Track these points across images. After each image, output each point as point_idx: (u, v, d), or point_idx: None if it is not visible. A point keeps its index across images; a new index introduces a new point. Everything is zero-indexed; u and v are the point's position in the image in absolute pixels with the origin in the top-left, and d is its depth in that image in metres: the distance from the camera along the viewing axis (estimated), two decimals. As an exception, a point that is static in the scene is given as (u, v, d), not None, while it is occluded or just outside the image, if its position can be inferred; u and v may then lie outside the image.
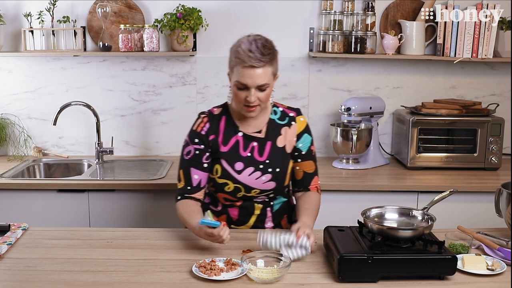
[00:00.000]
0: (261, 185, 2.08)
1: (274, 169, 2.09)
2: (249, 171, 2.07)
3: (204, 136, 2.08)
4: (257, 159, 2.08)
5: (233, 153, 2.08)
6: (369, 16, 3.15)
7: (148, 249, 1.92)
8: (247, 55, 1.93)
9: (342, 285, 1.66)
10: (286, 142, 2.12)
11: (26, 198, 2.79)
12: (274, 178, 2.09)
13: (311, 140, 2.17)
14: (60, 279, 1.68)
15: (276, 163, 2.09)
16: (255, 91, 1.97)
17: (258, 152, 2.09)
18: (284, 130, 2.12)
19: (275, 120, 2.13)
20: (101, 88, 3.30)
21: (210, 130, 2.09)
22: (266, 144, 2.10)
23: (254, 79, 1.95)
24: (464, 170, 3.08)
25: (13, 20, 3.20)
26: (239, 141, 2.09)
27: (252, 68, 1.93)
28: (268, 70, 1.97)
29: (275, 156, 2.10)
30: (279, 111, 2.16)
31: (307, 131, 2.16)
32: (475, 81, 3.33)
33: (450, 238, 1.91)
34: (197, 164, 2.07)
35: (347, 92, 3.32)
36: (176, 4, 3.13)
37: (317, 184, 2.19)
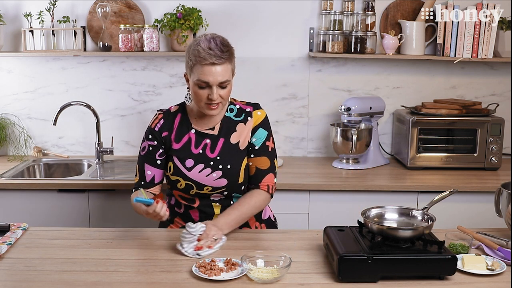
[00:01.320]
0: (212, 182, 2.08)
1: (225, 166, 2.08)
2: (199, 168, 2.08)
3: (157, 133, 2.12)
4: (208, 156, 2.09)
5: (185, 150, 2.10)
6: (369, 16, 3.15)
7: (148, 249, 1.92)
8: (207, 53, 1.96)
9: (342, 285, 1.66)
10: (241, 138, 2.11)
11: (26, 198, 2.79)
12: (224, 175, 2.08)
13: (267, 135, 2.13)
14: (60, 279, 1.68)
15: (227, 160, 2.08)
16: (216, 88, 1.98)
17: (209, 149, 2.09)
18: (239, 126, 2.12)
19: (231, 117, 2.13)
20: (101, 88, 3.30)
21: (164, 127, 2.12)
22: (218, 141, 2.10)
23: (215, 76, 1.97)
24: (464, 170, 3.08)
25: (13, 20, 3.20)
26: (191, 138, 2.11)
27: (213, 65, 1.96)
28: (228, 67, 2.00)
29: (227, 153, 2.09)
30: (236, 108, 2.15)
31: (262, 126, 2.13)
32: (475, 81, 3.33)
33: (450, 238, 1.91)
34: (150, 160, 2.12)
35: (347, 92, 3.32)
36: (176, 4, 3.13)
37: (270, 182, 2.12)
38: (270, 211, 2.33)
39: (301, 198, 2.84)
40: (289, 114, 3.34)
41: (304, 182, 2.84)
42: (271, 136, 2.15)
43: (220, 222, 1.99)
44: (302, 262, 1.81)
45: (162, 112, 2.16)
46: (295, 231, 2.14)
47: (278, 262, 1.73)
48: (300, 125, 3.35)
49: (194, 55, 1.98)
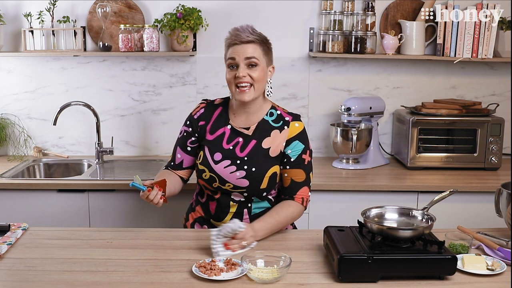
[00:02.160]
0: (235, 180, 2.08)
1: (250, 168, 2.07)
2: (225, 163, 2.09)
3: (195, 121, 2.17)
4: (237, 154, 2.10)
5: (217, 143, 2.13)
6: (369, 16, 3.15)
7: (148, 249, 1.92)
8: (235, 33, 2.04)
9: (342, 285, 1.66)
10: (273, 145, 2.10)
11: (26, 198, 2.79)
12: (247, 176, 2.07)
13: (304, 148, 2.11)
14: (60, 279, 1.68)
15: (253, 162, 2.08)
16: (244, 66, 2.01)
17: (240, 147, 2.10)
18: (274, 133, 2.11)
19: (268, 121, 2.13)
20: (101, 88, 3.30)
21: (202, 116, 2.17)
22: (250, 141, 2.10)
23: (241, 52, 2.01)
24: (464, 170, 3.08)
25: (13, 20, 3.20)
26: (225, 133, 2.13)
27: (240, 44, 2.02)
28: (257, 48, 2.04)
29: (255, 155, 2.09)
30: (276, 113, 2.15)
31: (299, 139, 2.11)
32: (475, 81, 3.33)
33: (450, 238, 1.91)
34: (182, 145, 2.19)
35: (347, 92, 3.32)
36: (176, 4, 3.13)
37: (305, 195, 2.10)
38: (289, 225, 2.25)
39: (301, 198, 2.83)
40: (289, 114, 3.34)
41: (304, 182, 2.83)
42: (308, 149, 2.12)
43: (256, 227, 1.97)
44: (302, 262, 1.81)
45: (205, 102, 2.21)
46: (295, 231, 2.14)
47: (278, 262, 1.73)
48: (300, 125, 3.35)
49: (225, 40, 2.06)
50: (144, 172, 3.05)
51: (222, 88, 3.29)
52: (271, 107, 2.16)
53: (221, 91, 3.29)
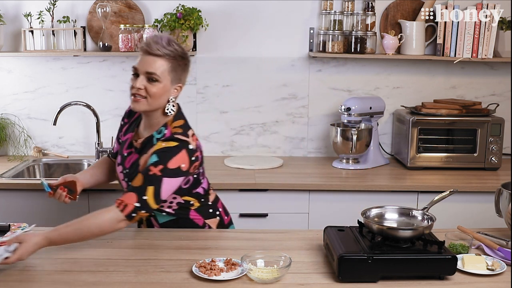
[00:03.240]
0: (125, 188, 2.10)
1: (129, 180, 2.04)
2: (120, 169, 2.15)
3: (125, 114, 2.23)
4: (125, 164, 2.12)
5: (122, 146, 2.16)
6: (369, 16, 3.15)
7: (148, 249, 1.92)
8: (149, 42, 1.97)
9: (342, 285, 1.66)
10: (141, 162, 2.01)
11: (26, 198, 2.79)
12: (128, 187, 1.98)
13: (155, 162, 1.88)
14: (60, 279, 1.68)
15: (131, 176, 2.03)
16: (143, 78, 1.95)
17: (128, 158, 2.11)
18: (149, 150, 1.99)
19: (153, 137, 2.02)
20: (101, 88, 3.30)
21: (127, 114, 2.22)
22: (135, 155, 2.08)
23: (145, 65, 1.95)
24: (464, 170, 3.08)
25: (13, 20, 3.20)
26: (128, 139, 2.15)
27: (147, 54, 1.95)
28: (164, 64, 1.94)
29: (133, 170, 2.05)
30: (163, 133, 2.00)
31: (157, 153, 1.91)
32: (475, 81, 3.33)
33: (450, 238, 1.91)
34: (117, 136, 2.26)
35: (347, 92, 3.32)
36: (176, 4, 3.13)
37: (128, 201, 1.85)
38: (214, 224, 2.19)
39: (301, 198, 2.84)
40: (289, 114, 3.34)
41: (304, 182, 2.84)
42: (160, 165, 1.88)
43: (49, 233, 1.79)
44: (302, 262, 1.81)
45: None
46: (295, 231, 2.14)
47: (278, 262, 1.73)
48: (300, 125, 3.35)
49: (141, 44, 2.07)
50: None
51: (222, 88, 3.29)
52: (163, 125, 2.02)
53: (222, 91, 3.29)
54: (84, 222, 1.83)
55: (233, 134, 3.35)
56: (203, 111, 3.31)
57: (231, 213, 2.70)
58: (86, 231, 1.82)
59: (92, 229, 1.82)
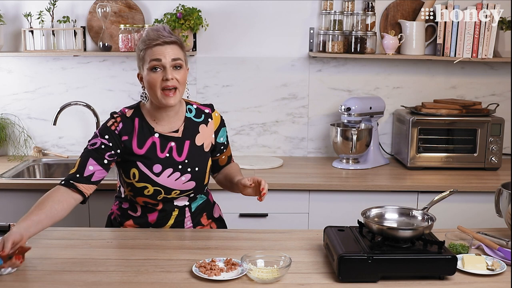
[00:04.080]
0: (181, 185, 2.06)
1: (193, 169, 2.06)
2: (168, 172, 2.03)
3: (116, 136, 2.01)
4: (176, 159, 2.05)
5: (151, 155, 2.02)
6: (369, 16, 3.15)
7: (148, 249, 1.92)
8: (155, 34, 1.95)
9: (342, 285, 1.66)
10: (205, 140, 2.10)
11: (26, 198, 2.79)
12: (193, 177, 2.06)
13: (226, 129, 2.20)
14: (60, 279, 1.68)
15: (195, 162, 2.07)
16: (170, 69, 1.94)
17: (176, 152, 2.05)
18: (201, 128, 2.11)
19: (191, 118, 2.10)
20: (101, 88, 3.30)
21: (123, 130, 2.02)
22: (184, 143, 2.06)
23: (168, 54, 1.94)
24: (464, 170, 3.08)
25: (13, 20, 3.20)
26: (155, 142, 2.03)
27: (163, 44, 1.94)
28: (179, 50, 1.97)
29: (194, 155, 2.07)
30: (194, 109, 2.12)
31: (222, 125, 2.18)
32: (475, 81, 3.33)
33: (450, 238, 1.91)
34: (97, 157, 1.99)
35: (347, 92, 3.32)
36: (176, 4, 3.13)
37: None
38: (219, 210, 2.33)
39: (301, 198, 2.84)
40: (289, 114, 3.34)
41: (304, 182, 2.84)
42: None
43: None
44: (302, 262, 1.81)
45: (119, 116, 2.05)
46: (295, 231, 2.14)
47: (278, 262, 1.73)
48: (300, 125, 3.35)
49: (143, 42, 1.97)
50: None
51: (222, 88, 3.29)
52: (186, 104, 2.12)
53: (221, 91, 3.29)
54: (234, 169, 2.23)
55: (233, 134, 3.35)
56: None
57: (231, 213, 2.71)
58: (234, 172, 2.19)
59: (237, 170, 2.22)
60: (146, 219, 2.12)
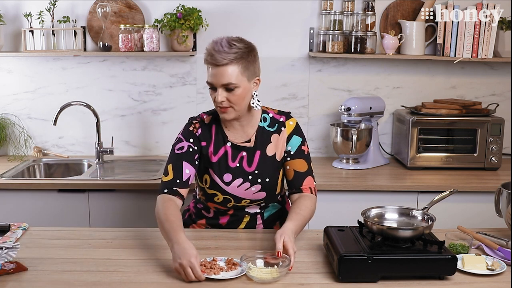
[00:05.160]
0: (251, 195, 2.05)
1: (263, 179, 2.04)
2: (238, 182, 2.03)
3: (197, 139, 2.04)
4: (245, 170, 2.04)
5: (222, 164, 2.03)
6: (369, 16, 3.15)
7: (148, 249, 1.92)
8: (211, 53, 1.90)
9: (342, 285, 1.66)
10: (277, 150, 2.07)
11: (26, 198, 2.79)
12: (263, 188, 2.05)
13: (302, 140, 2.10)
14: (60, 279, 1.68)
15: (265, 173, 2.04)
16: (221, 90, 1.91)
17: (247, 162, 2.04)
18: (274, 137, 2.07)
19: (264, 128, 2.07)
20: (101, 88, 3.30)
21: (202, 136, 2.05)
22: (255, 153, 2.04)
23: (218, 78, 1.90)
24: (464, 170, 3.08)
25: (13, 20, 3.20)
26: (227, 151, 2.04)
27: (215, 66, 1.89)
28: (235, 69, 1.89)
29: (264, 166, 2.05)
30: (269, 118, 2.09)
31: (296, 133, 2.10)
32: (475, 81, 3.33)
33: (450, 238, 1.91)
34: (190, 160, 2.00)
35: (347, 92, 3.32)
36: (176, 4, 3.13)
37: (311, 185, 2.06)
38: None
39: (301, 198, 2.83)
40: (289, 114, 3.34)
41: (304, 182, 2.83)
42: (305, 141, 2.11)
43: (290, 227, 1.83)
44: (302, 262, 1.81)
45: (198, 122, 2.07)
46: (295, 231, 2.14)
47: (278, 262, 1.73)
48: (300, 125, 3.33)
49: (205, 55, 1.94)
50: (144, 172, 3.05)
51: (222, 88, 3.29)
52: (262, 112, 2.09)
53: (221, 91, 3.29)
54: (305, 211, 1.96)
55: (233, 134, 3.34)
56: (203, 111, 3.29)
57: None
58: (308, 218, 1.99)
59: (309, 216, 1.99)
60: (218, 220, 2.14)
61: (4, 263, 1.71)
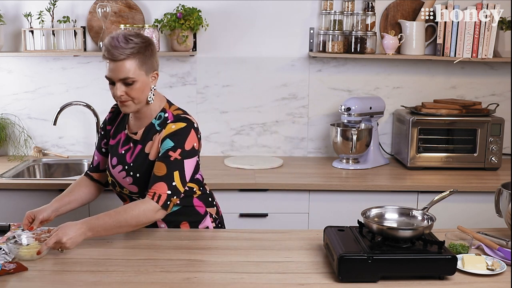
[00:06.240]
0: (127, 185, 2.09)
1: (135, 174, 2.05)
2: (119, 168, 2.10)
3: (104, 125, 2.22)
4: (126, 160, 2.09)
5: (115, 148, 2.14)
6: (369, 16, 3.15)
7: (148, 249, 1.92)
8: (108, 47, 1.91)
9: (342, 285, 1.66)
10: (152, 149, 2.03)
11: (26, 198, 2.79)
12: (134, 182, 2.05)
13: (173, 146, 1.95)
14: (60, 279, 1.68)
15: (137, 168, 2.05)
16: (120, 85, 1.94)
17: (130, 153, 2.08)
18: (156, 137, 2.02)
19: (154, 125, 2.04)
20: (101, 88, 3.29)
21: (109, 120, 2.21)
22: (136, 147, 2.07)
23: (115, 72, 1.92)
24: (464, 170, 3.08)
25: (13, 20, 3.20)
26: (121, 138, 2.13)
27: (113, 61, 1.91)
28: (132, 63, 1.91)
29: (138, 161, 2.05)
30: (163, 116, 2.04)
31: (170, 137, 1.97)
32: (475, 81, 3.33)
33: (450, 238, 1.91)
34: (98, 147, 2.24)
35: (347, 92, 3.32)
36: (176, 4, 3.13)
37: (160, 191, 1.91)
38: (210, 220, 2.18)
39: (301, 198, 2.84)
40: (289, 114, 3.34)
41: (304, 182, 2.84)
42: (179, 148, 1.95)
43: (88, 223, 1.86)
44: (302, 262, 1.81)
45: (114, 107, 2.23)
46: (295, 231, 2.14)
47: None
48: (300, 125, 3.35)
49: (102, 51, 1.96)
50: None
51: (222, 88, 3.29)
52: (161, 110, 2.06)
53: (221, 91, 3.29)
54: (121, 214, 1.89)
55: (233, 134, 3.35)
56: (203, 111, 3.31)
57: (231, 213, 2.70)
58: (124, 223, 1.89)
59: (129, 221, 1.89)
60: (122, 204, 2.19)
61: (4, 263, 1.71)
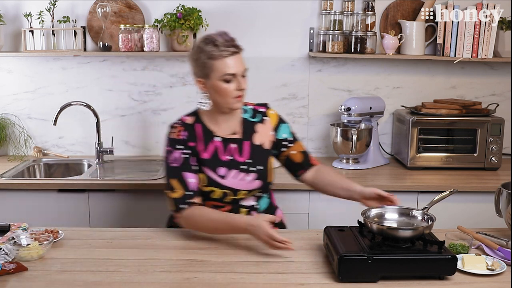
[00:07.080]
0: (247, 185, 2.07)
1: (256, 168, 2.08)
2: (232, 173, 2.06)
3: (185, 142, 2.03)
4: (238, 161, 2.07)
5: (214, 159, 2.05)
6: (369, 16, 3.15)
7: (148, 249, 1.92)
8: (225, 45, 1.96)
9: (342, 285, 1.66)
10: (263, 139, 2.12)
11: (26, 198, 2.79)
12: (259, 176, 2.09)
13: (289, 125, 2.21)
14: (60, 279, 1.68)
15: (257, 161, 2.09)
16: (241, 78, 1.99)
17: (238, 153, 2.08)
18: (258, 127, 2.13)
19: (247, 119, 2.13)
20: (101, 88, 3.30)
21: (189, 137, 2.05)
22: (244, 144, 2.09)
23: (240, 65, 1.98)
24: (464, 170, 3.08)
25: (13, 20, 3.20)
26: (217, 146, 2.06)
27: (234, 55, 1.97)
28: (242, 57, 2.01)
29: (255, 154, 2.09)
30: (249, 109, 2.16)
31: (281, 121, 2.19)
32: (475, 81, 3.33)
33: (450, 238, 1.91)
34: (188, 168, 2.02)
35: (347, 92, 3.32)
36: (176, 4, 3.13)
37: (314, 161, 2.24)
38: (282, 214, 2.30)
39: (301, 198, 2.84)
40: (289, 114, 3.34)
41: (304, 182, 2.83)
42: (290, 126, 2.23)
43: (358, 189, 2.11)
44: (302, 262, 1.81)
45: (180, 125, 2.07)
46: (295, 231, 2.14)
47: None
48: (300, 125, 3.35)
49: (209, 52, 1.95)
50: (144, 172, 3.05)
51: (222, 88, 3.29)
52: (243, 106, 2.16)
53: (221, 91, 3.29)
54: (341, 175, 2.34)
55: (233, 134, 3.35)
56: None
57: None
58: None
59: None
60: None
61: (4, 263, 1.71)
